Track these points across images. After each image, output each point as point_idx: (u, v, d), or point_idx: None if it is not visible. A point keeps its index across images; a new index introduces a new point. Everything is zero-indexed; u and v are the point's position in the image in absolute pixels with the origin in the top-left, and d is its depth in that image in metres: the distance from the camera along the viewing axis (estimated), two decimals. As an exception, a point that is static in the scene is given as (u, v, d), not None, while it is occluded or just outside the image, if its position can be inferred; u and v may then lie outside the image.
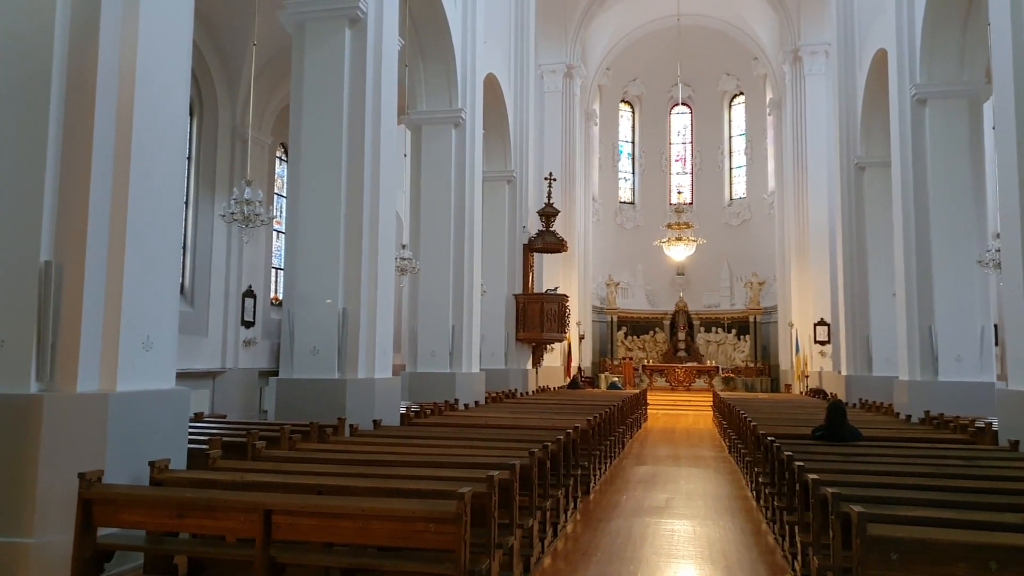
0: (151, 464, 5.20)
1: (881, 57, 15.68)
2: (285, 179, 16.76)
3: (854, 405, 15.35)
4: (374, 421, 8.90)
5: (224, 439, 6.93)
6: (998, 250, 10.90)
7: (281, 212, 16.66)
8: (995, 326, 14.90)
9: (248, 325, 15.85)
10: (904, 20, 13.99)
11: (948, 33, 13.27)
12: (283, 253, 13.53)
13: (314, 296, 9.70)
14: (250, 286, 15.93)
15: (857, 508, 3.94)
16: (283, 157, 17.51)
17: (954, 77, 13.41)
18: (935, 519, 4.19)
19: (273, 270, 17.42)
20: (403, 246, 13.88)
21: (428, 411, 10.83)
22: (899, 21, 14.09)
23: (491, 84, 17.63)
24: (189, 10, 6.28)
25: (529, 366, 20.44)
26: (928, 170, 13.45)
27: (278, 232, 17.33)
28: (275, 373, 10.24)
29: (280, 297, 16.64)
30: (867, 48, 17.19)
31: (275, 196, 17.40)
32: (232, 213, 9.27)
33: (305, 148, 10.01)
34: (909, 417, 11.69)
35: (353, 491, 4.85)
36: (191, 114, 14.79)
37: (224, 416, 11.32)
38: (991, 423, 9.38)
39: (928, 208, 13.40)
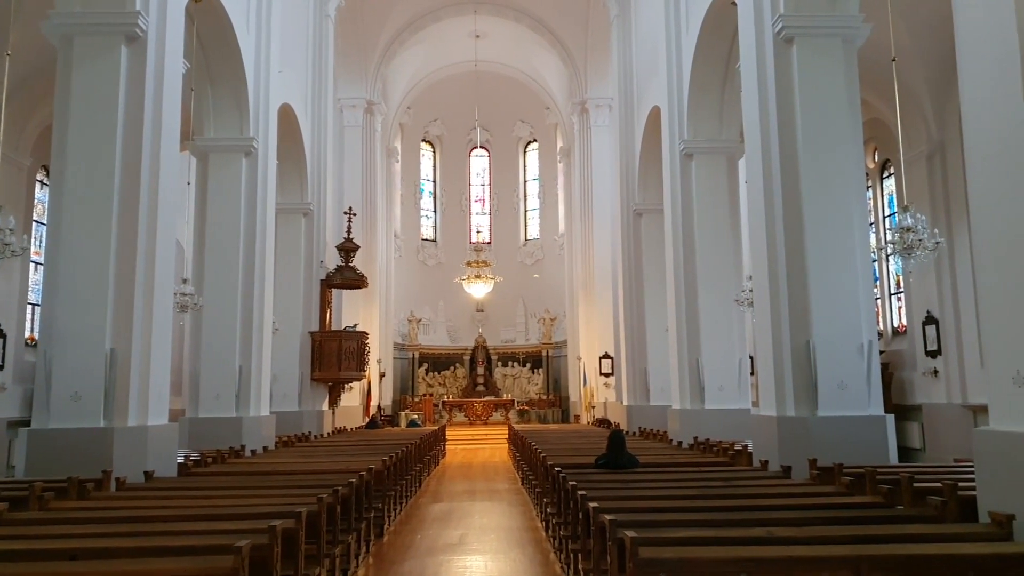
0: None
1: (656, 113, 17.22)
2: (47, 205, 15.02)
3: (634, 433, 16.46)
4: (146, 473, 8.13)
5: (-46, 503, 5.96)
6: (751, 290, 12.33)
7: (41, 241, 14.86)
8: (751, 358, 16.70)
9: (-5, 369, 13.89)
10: (674, 81, 15.45)
11: (709, 96, 14.85)
12: (41, 287, 12.05)
13: (77, 335, 8.73)
14: (-1, 324, 14.03)
15: (631, 533, 4.21)
16: (45, 181, 15.71)
17: (715, 135, 14.97)
18: (698, 538, 4.60)
19: (29, 306, 15.45)
20: (184, 280, 12.94)
21: (209, 459, 10.06)
22: (670, 82, 15.56)
23: (287, 114, 17.11)
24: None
25: (325, 407, 19.75)
26: (695, 217, 14.85)
27: (37, 264, 15.45)
28: (28, 423, 9.05)
29: (37, 337, 14.75)
30: (644, 104, 18.81)
31: (35, 224, 15.53)
32: (-25, 242, 8.16)
33: (71, 172, 9.06)
34: (681, 443, 12.74)
35: (114, 553, 4.37)
36: (-73, 126, 12.88)
37: (-41, 475, 9.78)
38: (747, 445, 10.47)
39: (695, 252, 14.77)
